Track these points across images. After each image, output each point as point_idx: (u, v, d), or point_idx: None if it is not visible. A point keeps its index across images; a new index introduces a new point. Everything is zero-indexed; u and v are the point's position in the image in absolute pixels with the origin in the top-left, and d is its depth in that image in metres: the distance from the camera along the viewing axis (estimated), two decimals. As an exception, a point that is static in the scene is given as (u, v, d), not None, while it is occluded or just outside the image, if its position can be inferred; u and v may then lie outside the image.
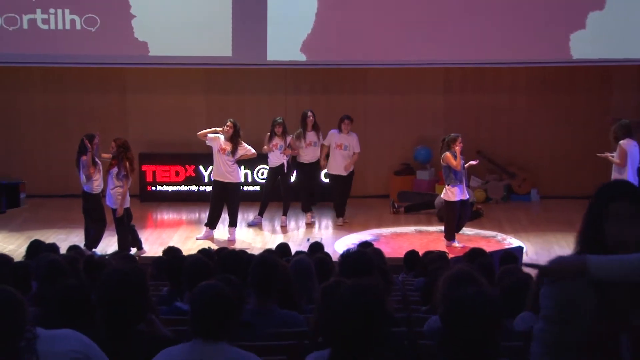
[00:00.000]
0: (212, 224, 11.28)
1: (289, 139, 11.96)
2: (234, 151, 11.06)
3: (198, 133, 11.23)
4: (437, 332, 4.57)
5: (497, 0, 13.22)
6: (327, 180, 12.69)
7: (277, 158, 11.94)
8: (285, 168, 12.03)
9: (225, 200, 11.22)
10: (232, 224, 11.32)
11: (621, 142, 10.30)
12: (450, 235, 10.82)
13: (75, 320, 3.96)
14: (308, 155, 12.15)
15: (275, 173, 12.09)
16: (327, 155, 12.14)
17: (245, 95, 13.75)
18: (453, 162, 10.45)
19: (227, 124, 11.04)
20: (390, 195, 13.47)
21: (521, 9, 13.18)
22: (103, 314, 3.88)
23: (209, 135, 11.11)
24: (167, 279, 6.36)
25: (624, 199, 2.93)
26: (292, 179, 12.46)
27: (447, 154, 10.55)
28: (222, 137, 11.06)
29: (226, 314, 3.66)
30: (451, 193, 10.61)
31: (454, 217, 10.79)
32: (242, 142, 11.17)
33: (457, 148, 10.56)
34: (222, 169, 11.07)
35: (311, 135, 12.08)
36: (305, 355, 3.96)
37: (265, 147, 11.88)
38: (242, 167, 12.61)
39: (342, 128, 11.97)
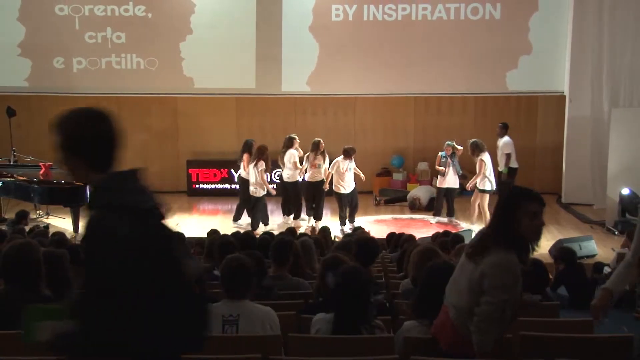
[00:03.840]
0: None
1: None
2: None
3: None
4: (408, 291, 4.47)
5: (451, 49, 13.13)
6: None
7: None
8: None
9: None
10: None
11: (479, 157, 10.14)
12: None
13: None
14: (314, 174, 10.91)
15: None
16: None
17: (266, 117, 13.61)
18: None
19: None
20: (373, 192, 13.33)
21: (469, 54, 13.11)
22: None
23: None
24: (205, 254, 6.23)
25: (535, 200, 3.00)
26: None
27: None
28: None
29: (246, 279, 3.54)
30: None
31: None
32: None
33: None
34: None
35: (319, 159, 10.86)
36: (308, 311, 3.83)
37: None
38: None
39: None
